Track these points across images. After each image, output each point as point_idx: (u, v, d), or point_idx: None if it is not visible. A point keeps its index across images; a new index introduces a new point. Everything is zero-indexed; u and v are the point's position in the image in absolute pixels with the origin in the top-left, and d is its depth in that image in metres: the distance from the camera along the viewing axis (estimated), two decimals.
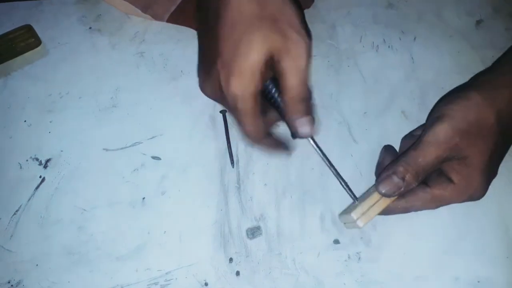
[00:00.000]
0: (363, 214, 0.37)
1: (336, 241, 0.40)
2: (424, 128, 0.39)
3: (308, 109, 0.36)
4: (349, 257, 0.40)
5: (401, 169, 0.37)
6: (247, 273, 0.39)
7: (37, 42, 0.49)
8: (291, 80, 0.35)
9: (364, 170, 0.43)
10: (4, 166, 0.44)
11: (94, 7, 0.52)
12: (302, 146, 0.44)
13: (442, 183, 0.38)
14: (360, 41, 0.50)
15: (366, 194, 0.39)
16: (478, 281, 0.39)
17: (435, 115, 0.39)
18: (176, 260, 0.40)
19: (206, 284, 0.39)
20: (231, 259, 0.40)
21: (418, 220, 0.41)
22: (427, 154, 0.37)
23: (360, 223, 0.37)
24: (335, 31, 0.51)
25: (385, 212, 0.39)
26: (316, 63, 0.49)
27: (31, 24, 0.50)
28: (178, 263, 0.40)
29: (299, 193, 0.42)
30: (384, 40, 0.50)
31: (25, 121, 0.46)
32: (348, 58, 0.49)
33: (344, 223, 0.41)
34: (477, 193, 0.38)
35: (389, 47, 0.50)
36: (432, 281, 0.39)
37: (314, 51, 0.49)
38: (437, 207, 0.39)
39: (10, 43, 0.48)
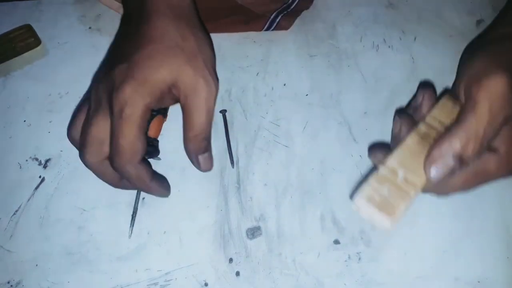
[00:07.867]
0: (389, 209, 0.30)
1: (336, 241, 0.40)
2: (459, 89, 0.31)
3: (209, 146, 0.38)
4: (349, 257, 0.40)
5: (458, 145, 0.29)
6: (247, 273, 0.39)
7: (37, 42, 0.49)
8: (199, 118, 0.35)
9: (364, 170, 0.43)
10: (4, 166, 0.44)
11: (93, 7, 0.52)
12: (303, 147, 0.44)
13: (483, 155, 0.31)
14: (361, 41, 0.50)
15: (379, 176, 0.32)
16: (478, 281, 0.39)
17: (476, 69, 0.31)
18: (176, 260, 0.40)
19: (206, 284, 0.39)
20: (231, 260, 0.40)
21: (419, 220, 0.41)
22: (489, 118, 0.29)
23: (389, 223, 0.30)
24: (335, 31, 0.51)
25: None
26: (317, 63, 0.49)
27: (31, 24, 0.50)
28: (178, 263, 0.40)
29: (299, 193, 0.42)
30: (384, 40, 0.50)
31: (25, 121, 0.46)
32: (348, 58, 0.49)
33: (358, 208, 0.32)
34: None
35: (389, 47, 0.50)
36: (433, 281, 0.39)
37: (315, 51, 0.49)
38: (477, 186, 0.32)
39: (10, 43, 0.48)
